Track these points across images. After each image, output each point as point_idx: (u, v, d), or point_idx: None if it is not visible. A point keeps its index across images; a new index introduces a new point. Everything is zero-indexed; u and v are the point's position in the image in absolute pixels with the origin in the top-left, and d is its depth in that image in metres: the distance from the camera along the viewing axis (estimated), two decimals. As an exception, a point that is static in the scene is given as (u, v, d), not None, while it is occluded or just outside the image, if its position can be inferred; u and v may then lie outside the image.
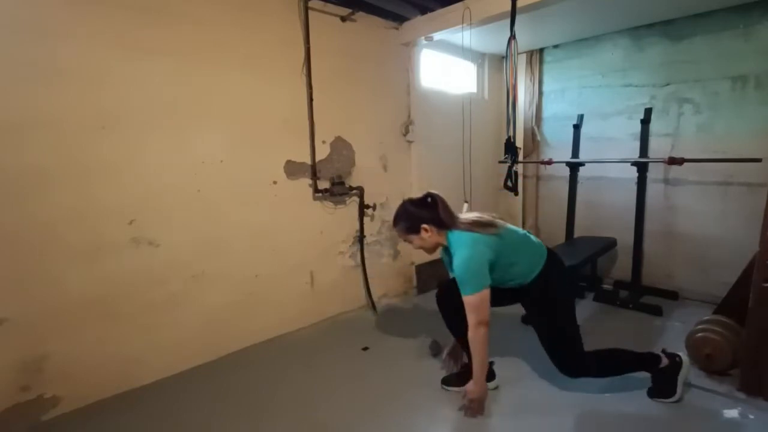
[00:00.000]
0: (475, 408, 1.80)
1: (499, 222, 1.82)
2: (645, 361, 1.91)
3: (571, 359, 1.85)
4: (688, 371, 1.91)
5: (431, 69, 3.54)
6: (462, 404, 1.84)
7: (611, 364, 1.89)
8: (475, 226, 1.76)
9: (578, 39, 3.54)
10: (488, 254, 1.70)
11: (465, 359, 2.06)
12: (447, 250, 1.85)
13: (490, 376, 1.97)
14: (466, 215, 1.84)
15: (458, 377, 2.04)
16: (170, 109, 2.13)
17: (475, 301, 1.66)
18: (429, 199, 1.83)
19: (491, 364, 1.96)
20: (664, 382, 1.89)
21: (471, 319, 1.68)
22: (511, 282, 1.82)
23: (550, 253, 1.89)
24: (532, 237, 1.91)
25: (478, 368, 1.73)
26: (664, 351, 1.94)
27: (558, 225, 3.59)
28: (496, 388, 2.00)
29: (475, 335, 1.69)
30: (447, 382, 2.05)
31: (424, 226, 1.80)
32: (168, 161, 2.14)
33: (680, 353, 1.94)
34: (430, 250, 1.90)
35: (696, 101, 3.02)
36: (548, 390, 2.00)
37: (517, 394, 1.96)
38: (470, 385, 1.77)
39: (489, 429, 1.77)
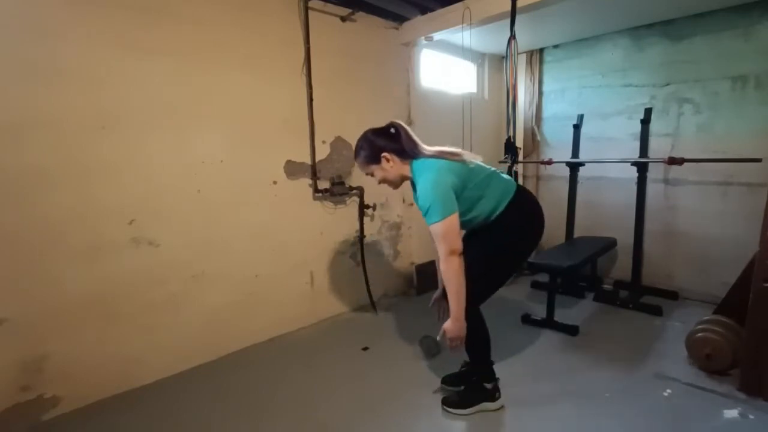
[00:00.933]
0: (456, 346, 1.65)
1: (468, 154, 1.70)
2: (487, 366, 1.85)
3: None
4: (494, 409, 1.84)
5: (431, 69, 3.54)
6: (441, 340, 1.70)
7: (476, 338, 1.75)
8: (441, 154, 1.66)
9: (578, 39, 3.54)
10: (453, 179, 1.59)
11: (463, 351, 1.83)
12: (414, 184, 1.74)
13: (495, 393, 1.86)
14: (432, 147, 1.72)
15: (458, 377, 2.03)
16: (170, 109, 2.13)
17: (442, 229, 1.53)
18: (392, 130, 1.73)
19: (496, 381, 1.87)
20: (470, 394, 1.86)
21: (441, 249, 1.55)
22: (475, 219, 1.70)
23: (521, 189, 1.76)
24: (503, 174, 1.79)
25: (454, 302, 1.59)
26: (497, 381, 1.88)
27: (558, 225, 3.58)
28: (501, 407, 1.86)
29: (447, 266, 1.55)
30: (447, 381, 2.03)
31: (385, 154, 1.70)
32: (168, 161, 2.14)
33: (499, 393, 1.86)
34: (395, 183, 1.78)
35: (696, 101, 3.02)
36: (549, 390, 2.00)
37: (518, 394, 1.96)
38: (447, 324, 1.62)
39: (489, 429, 1.77)
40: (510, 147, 2.65)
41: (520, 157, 3.76)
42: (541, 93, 3.93)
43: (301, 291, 2.79)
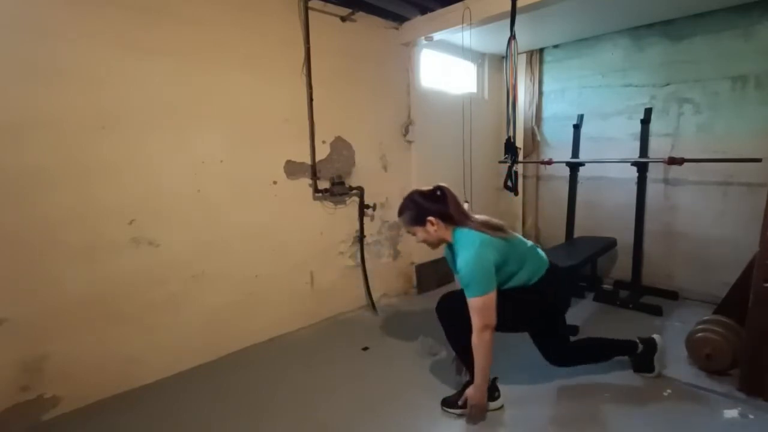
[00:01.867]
0: (475, 415, 1.75)
1: (508, 229, 1.78)
2: (623, 346, 2.07)
3: (558, 349, 1.94)
4: (662, 349, 2.07)
5: (431, 69, 3.54)
6: (462, 411, 1.79)
7: (592, 351, 2.02)
8: (484, 226, 1.70)
9: (578, 39, 3.54)
10: (495, 256, 1.65)
11: (465, 376, 1.91)
12: (451, 247, 1.79)
13: (494, 393, 1.87)
14: (476, 216, 1.77)
15: (459, 397, 1.93)
16: (170, 109, 2.13)
17: (480, 304, 1.60)
18: (438, 192, 1.77)
19: (495, 380, 1.88)
20: (643, 361, 2.06)
21: (476, 322, 1.62)
22: (508, 285, 1.77)
23: (552, 265, 1.86)
24: (539, 250, 1.88)
25: (479, 373, 1.68)
26: (639, 338, 2.08)
27: (558, 225, 3.59)
28: (501, 407, 1.86)
29: (479, 339, 1.63)
30: (447, 404, 1.88)
31: (431, 218, 1.73)
32: (168, 161, 2.14)
33: (654, 335, 2.10)
34: (434, 245, 1.83)
35: (696, 101, 3.02)
36: (548, 390, 2.00)
37: (519, 394, 1.96)
38: (470, 391, 1.73)
39: (489, 428, 1.77)
40: (510, 147, 2.65)
41: (520, 157, 3.76)
42: (541, 93, 3.93)
43: (301, 291, 2.79)
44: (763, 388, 1.86)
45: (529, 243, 1.86)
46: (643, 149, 3.02)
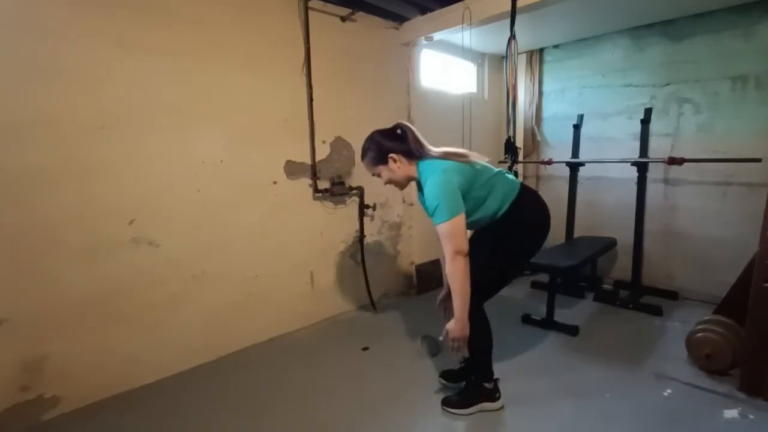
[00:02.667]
0: (458, 347, 1.67)
1: (474, 156, 1.72)
2: (487, 366, 1.84)
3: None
4: (494, 409, 1.84)
5: (431, 69, 3.54)
6: (443, 340, 1.70)
7: (479, 335, 1.75)
8: (448, 155, 1.68)
9: (578, 39, 3.54)
10: (460, 180, 1.61)
11: (465, 353, 1.84)
12: (420, 185, 1.74)
13: (495, 394, 1.85)
14: (438, 148, 1.74)
15: (457, 373, 2.04)
16: (170, 109, 2.13)
17: (449, 229, 1.55)
18: (399, 131, 1.74)
19: (496, 380, 1.86)
20: (469, 394, 1.86)
21: (447, 248, 1.56)
22: (482, 220, 1.72)
23: (524, 189, 1.78)
24: (508, 174, 1.80)
25: (459, 303, 1.60)
26: (497, 381, 1.87)
27: (558, 225, 3.57)
28: (502, 407, 1.85)
29: (453, 266, 1.56)
30: (445, 376, 2.03)
31: (393, 155, 1.71)
32: (168, 161, 2.14)
33: (499, 394, 1.86)
34: (401, 184, 1.80)
35: (696, 101, 3.02)
36: (549, 390, 2.00)
37: (518, 393, 1.96)
38: (451, 324, 1.63)
39: (489, 428, 1.77)
40: (510, 147, 2.65)
41: (520, 157, 3.76)
42: (541, 93, 3.93)
43: (301, 291, 2.79)
44: (763, 388, 1.86)
45: (497, 169, 1.80)
46: (643, 149, 3.02)
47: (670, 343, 2.42)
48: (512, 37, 2.29)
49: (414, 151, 1.70)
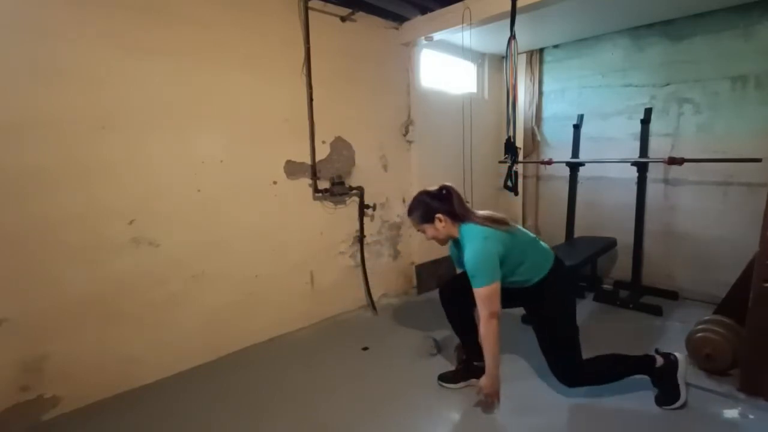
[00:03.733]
0: (491, 402, 1.83)
1: (512, 222, 1.85)
2: (640, 364, 1.89)
3: (570, 368, 1.83)
4: (686, 369, 1.87)
5: (431, 69, 3.53)
6: (477, 399, 1.86)
7: (608, 371, 1.88)
8: (488, 221, 1.79)
9: (578, 39, 3.54)
10: (499, 249, 1.72)
11: (463, 355, 2.10)
12: (457, 243, 1.88)
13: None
14: (480, 211, 1.86)
15: (455, 374, 2.06)
16: (170, 109, 2.13)
17: (486, 293, 1.67)
18: (444, 191, 1.87)
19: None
20: (666, 386, 1.86)
21: (483, 311, 1.69)
22: (514, 282, 1.82)
23: (557, 259, 1.90)
24: (541, 242, 1.93)
25: (490, 361, 1.74)
26: (657, 351, 1.93)
27: (558, 225, 3.58)
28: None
29: (487, 328, 1.69)
30: (443, 378, 2.07)
31: (438, 215, 1.83)
32: (168, 161, 2.14)
33: (674, 352, 1.90)
34: (442, 241, 1.92)
35: (696, 101, 3.02)
36: (549, 389, 2.00)
37: (518, 394, 1.96)
38: (483, 380, 1.77)
39: (490, 428, 1.77)
40: (510, 147, 2.64)
41: (520, 157, 3.76)
42: (541, 93, 3.93)
43: (301, 291, 2.79)
44: (763, 388, 1.86)
45: (532, 235, 1.93)
46: (643, 149, 3.02)
47: (670, 343, 2.41)
48: (512, 37, 2.28)
49: (459, 213, 1.82)
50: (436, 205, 1.85)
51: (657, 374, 1.88)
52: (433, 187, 1.92)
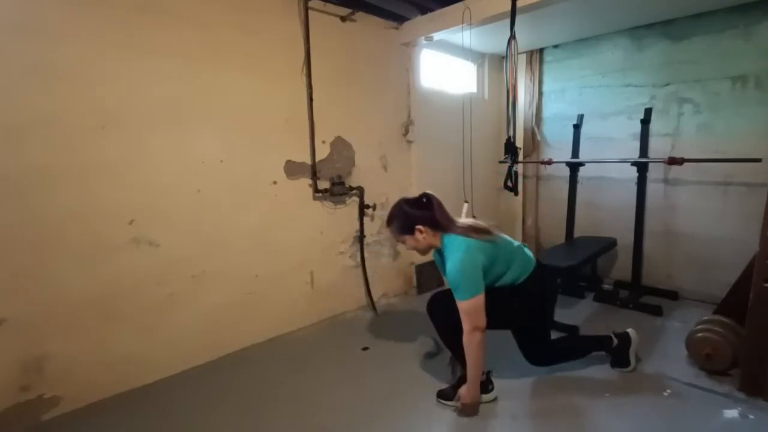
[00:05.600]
0: (468, 412, 1.81)
1: (495, 230, 1.80)
2: (600, 341, 2.11)
3: (539, 352, 2.00)
4: (637, 343, 2.13)
5: (431, 69, 3.53)
6: (455, 407, 1.83)
7: (572, 350, 2.10)
8: (471, 231, 1.74)
9: (578, 39, 3.54)
10: (482, 260, 1.69)
11: (460, 371, 1.96)
12: (440, 252, 1.84)
13: (488, 386, 1.91)
14: (462, 220, 1.82)
15: (454, 390, 1.98)
16: (170, 109, 2.13)
17: (469, 307, 1.65)
18: (424, 200, 1.81)
19: (489, 373, 1.92)
20: (619, 356, 2.12)
21: (465, 324, 1.66)
22: (497, 284, 1.82)
23: (540, 265, 1.91)
24: (526, 249, 1.92)
25: (472, 373, 1.73)
26: (614, 332, 2.14)
27: (558, 225, 3.58)
28: (494, 399, 1.91)
29: (470, 340, 1.67)
30: (443, 396, 1.93)
31: (419, 227, 1.77)
32: (168, 161, 2.14)
33: (629, 330, 2.15)
34: (423, 251, 1.88)
35: (696, 101, 3.02)
36: (549, 390, 2.00)
37: (518, 394, 1.96)
38: (463, 389, 1.77)
39: (489, 428, 1.77)
40: (510, 147, 2.64)
41: (520, 157, 3.76)
42: (541, 93, 3.93)
43: (301, 291, 2.79)
44: (763, 388, 1.86)
45: (516, 243, 1.90)
46: (643, 149, 3.02)
47: (670, 343, 2.42)
48: (512, 37, 2.28)
49: (441, 222, 1.77)
50: (417, 214, 1.78)
51: (614, 351, 2.12)
52: (413, 195, 1.86)
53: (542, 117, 3.96)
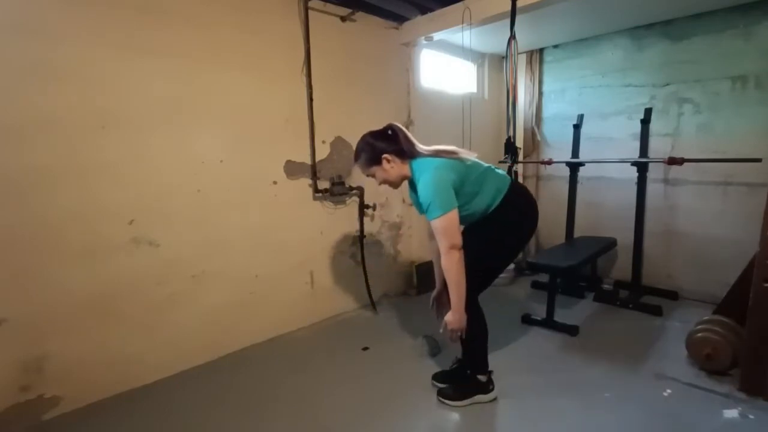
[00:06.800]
0: (454, 337, 1.74)
1: (464, 152, 1.76)
2: (482, 359, 1.90)
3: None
4: (487, 401, 1.89)
5: (431, 69, 3.53)
6: (442, 331, 1.75)
7: (474, 329, 1.79)
8: (439, 153, 1.73)
9: (578, 39, 3.54)
10: (452, 176, 1.65)
11: (458, 356, 2.03)
12: (413, 184, 1.79)
13: (488, 386, 1.89)
14: (428, 146, 1.78)
15: (448, 374, 2.05)
16: (170, 109, 2.12)
17: (443, 223, 1.60)
18: (390, 132, 1.77)
19: (489, 373, 1.90)
20: (461, 388, 1.90)
21: (442, 243, 1.61)
22: (474, 215, 1.76)
23: (514, 184, 1.83)
24: (498, 169, 1.85)
25: (455, 296, 1.66)
26: (490, 373, 1.92)
27: (558, 225, 3.58)
28: (494, 399, 1.90)
29: (449, 260, 1.61)
30: (437, 378, 2.04)
31: (386, 156, 1.74)
32: (168, 161, 2.14)
33: (493, 386, 1.91)
34: (395, 183, 1.82)
35: (696, 101, 3.02)
36: (548, 390, 2.00)
37: (518, 394, 1.96)
38: (449, 316, 1.70)
39: (490, 428, 1.77)
40: (510, 147, 2.65)
41: (520, 157, 3.76)
42: (541, 93, 3.93)
43: (301, 291, 2.79)
44: (763, 388, 1.86)
45: (486, 165, 1.82)
46: (643, 149, 3.02)
47: (670, 343, 2.42)
48: (512, 37, 2.29)
49: (406, 151, 1.74)
50: (382, 145, 1.75)
51: (473, 379, 1.89)
52: (378, 128, 1.81)
53: (542, 117, 3.96)
